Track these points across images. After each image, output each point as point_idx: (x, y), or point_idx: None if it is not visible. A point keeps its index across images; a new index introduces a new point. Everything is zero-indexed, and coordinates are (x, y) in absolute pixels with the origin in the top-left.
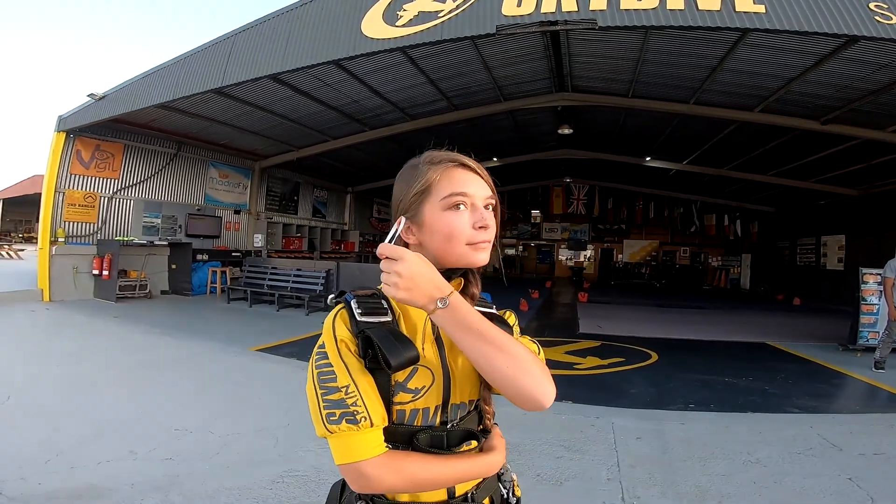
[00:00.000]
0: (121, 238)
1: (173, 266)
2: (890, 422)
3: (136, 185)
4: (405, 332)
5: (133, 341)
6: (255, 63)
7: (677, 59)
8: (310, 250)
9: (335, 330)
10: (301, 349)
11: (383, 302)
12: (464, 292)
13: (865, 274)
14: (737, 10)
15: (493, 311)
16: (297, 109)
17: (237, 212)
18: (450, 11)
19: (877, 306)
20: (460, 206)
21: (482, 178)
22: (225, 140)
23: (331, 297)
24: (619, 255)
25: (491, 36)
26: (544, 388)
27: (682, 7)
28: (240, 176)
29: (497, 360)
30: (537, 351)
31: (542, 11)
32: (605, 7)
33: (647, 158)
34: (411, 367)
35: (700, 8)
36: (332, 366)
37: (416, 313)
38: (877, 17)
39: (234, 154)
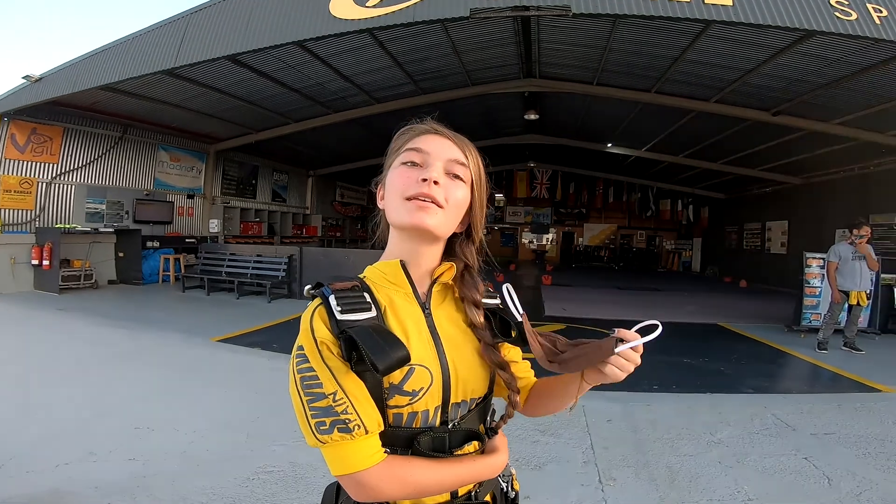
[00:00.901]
0: (62, 226)
1: (121, 254)
2: (836, 402)
3: (77, 169)
4: (393, 328)
5: (83, 335)
6: (213, 43)
7: (642, 48)
8: (269, 235)
9: (314, 330)
10: (266, 338)
11: (366, 295)
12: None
13: (809, 258)
14: (706, 1)
15: (497, 302)
16: (256, 92)
17: (191, 196)
18: None
19: (819, 289)
20: (415, 162)
21: (452, 142)
22: (176, 123)
23: (307, 287)
24: (580, 239)
25: (464, 19)
26: None
27: None
28: (193, 159)
29: (568, 400)
30: (529, 367)
31: None
32: None
33: (609, 145)
34: (406, 368)
35: None
36: (315, 370)
37: (406, 306)
38: (837, 13)
39: (187, 137)
